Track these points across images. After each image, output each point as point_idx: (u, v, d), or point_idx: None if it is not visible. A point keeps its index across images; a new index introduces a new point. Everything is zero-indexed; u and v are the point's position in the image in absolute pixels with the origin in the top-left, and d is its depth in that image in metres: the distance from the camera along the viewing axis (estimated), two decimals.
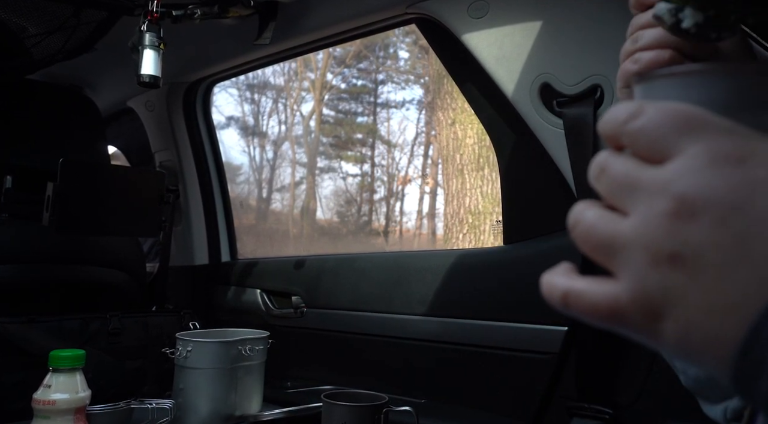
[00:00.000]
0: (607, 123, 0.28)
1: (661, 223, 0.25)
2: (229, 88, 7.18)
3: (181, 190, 1.81)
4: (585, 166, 1.10)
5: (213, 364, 1.17)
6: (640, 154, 0.27)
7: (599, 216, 0.28)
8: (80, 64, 1.59)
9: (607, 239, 0.27)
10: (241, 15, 1.26)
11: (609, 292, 0.26)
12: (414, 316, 1.26)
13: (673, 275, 0.24)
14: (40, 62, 1.47)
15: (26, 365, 1.15)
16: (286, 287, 1.55)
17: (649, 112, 0.27)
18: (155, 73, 1.15)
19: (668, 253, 0.24)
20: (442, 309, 1.22)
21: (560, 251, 1.06)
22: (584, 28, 0.99)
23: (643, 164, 0.27)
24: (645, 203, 0.26)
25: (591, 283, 0.27)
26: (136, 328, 1.37)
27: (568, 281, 0.28)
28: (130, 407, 1.04)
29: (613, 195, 0.28)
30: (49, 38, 1.34)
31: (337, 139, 7.52)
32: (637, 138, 0.27)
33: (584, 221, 0.28)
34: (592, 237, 0.27)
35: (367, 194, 7.28)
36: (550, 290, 0.29)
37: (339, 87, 7.57)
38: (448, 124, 4.52)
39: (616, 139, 0.28)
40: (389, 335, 1.30)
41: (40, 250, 1.41)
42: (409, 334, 1.27)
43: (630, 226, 0.26)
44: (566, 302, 0.28)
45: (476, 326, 1.16)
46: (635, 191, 0.26)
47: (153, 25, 1.15)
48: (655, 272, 0.25)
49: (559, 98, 1.03)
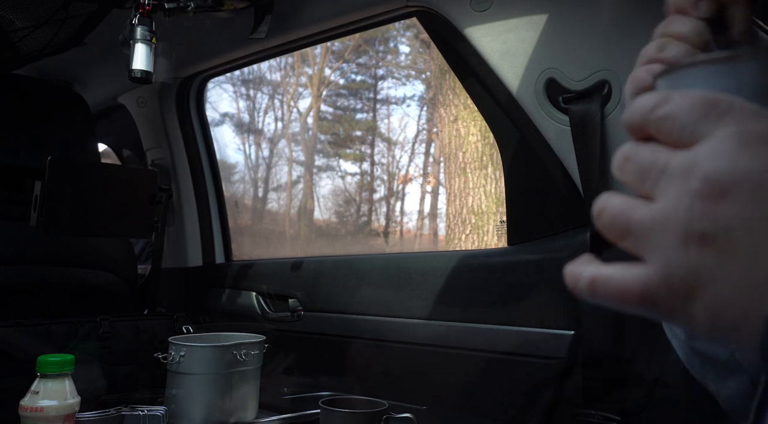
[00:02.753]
0: (634, 112, 0.29)
1: (691, 204, 0.26)
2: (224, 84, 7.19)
3: (173, 189, 1.82)
4: (592, 165, 1.09)
5: (207, 369, 1.17)
6: (667, 140, 0.28)
7: (625, 202, 0.29)
8: (69, 58, 1.59)
9: (635, 223, 0.28)
10: (236, 8, 1.26)
11: (639, 275, 0.27)
12: (415, 320, 1.26)
13: (704, 255, 0.25)
14: (28, 57, 1.47)
15: (13, 370, 1.15)
16: (283, 290, 1.55)
17: (675, 99, 0.28)
18: (147, 69, 1.15)
19: (699, 233, 0.25)
20: (444, 313, 1.22)
21: (568, 252, 1.07)
22: (592, 21, 0.99)
23: (670, 150, 0.28)
24: (674, 186, 0.26)
25: (619, 268, 0.28)
26: (127, 332, 1.36)
27: (594, 267, 0.29)
28: (121, 414, 1.04)
29: (640, 181, 0.29)
30: (36, 32, 1.34)
31: (335, 137, 7.53)
32: (664, 125, 0.28)
33: (610, 208, 0.29)
34: (619, 223, 0.28)
35: (367, 194, 7.29)
36: (575, 278, 0.30)
37: (337, 82, 7.58)
38: (450, 121, 4.52)
39: (642, 128, 0.29)
40: (390, 339, 1.30)
41: (28, 251, 1.41)
42: (410, 338, 1.27)
43: (658, 209, 0.27)
44: (594, 288, 0.29)
45: (480, 330, 1.16)
46: (663, 175, 0.27)
47: (144, 19, 1.15)
48: (686, 253, 0.26)
49: (565, 94, 1.03)
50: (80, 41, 1.44)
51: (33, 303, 1.40)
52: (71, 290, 1.47)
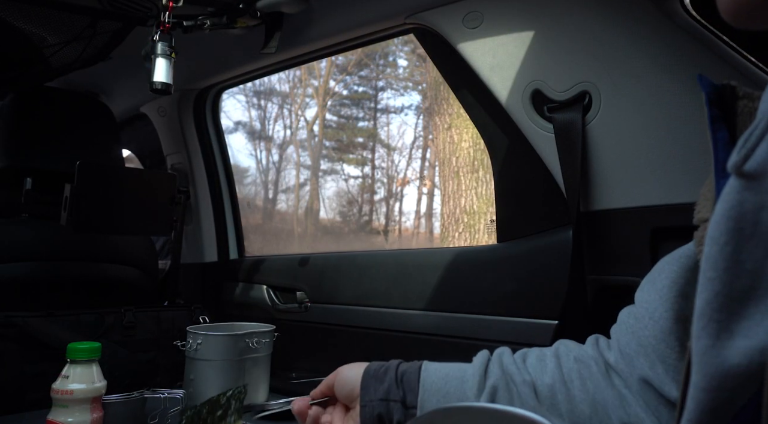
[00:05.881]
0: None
1: None
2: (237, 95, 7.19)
3: (191, 191, 1.82)
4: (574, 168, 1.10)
5: (222, 356, 1.17)
6: None
7: None
8: (96, 72, 1.59)
9: None
10: (249, 25, 1.26)
11: None
12: (412, 310, 1.26)
13: None
14: (58, 70, 1.48)
15: (46, 356, 1.16)
16: (291, 283, 1.55)
17: None
18: (167, 81, 1.15)
19: None
20: (438, 304, 1.22)
21: (550, 249, 1.07)
22: (574, 38, 0.99)
23: None
24: None
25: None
26: (149, 322, 1.37)
27: None
28: (144, 396, 1.04)
29: None
30: (66, 47, 1.34)
31: (339, 143, 7.52)
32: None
33: None
34: None
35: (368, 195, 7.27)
36: None
37: (341, 93, 7.56)
38: (444, 129, 4.52)
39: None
40: (389, 328, 1.31)
41: (59, 248, 1.41)
42: (407, 327, 1.27)
43: None
44: None
45: (471, 320, 1.16)
46: None
47: (165, 35, 1.15)
48: None
49: (550, 104, 1.03)
50: (106, 56, 1.45)
51: (63, 295, 1.40)
52: (98, 284, 1.47)
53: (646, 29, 0.93)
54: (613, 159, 0.97)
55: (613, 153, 0.97)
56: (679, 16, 0.92)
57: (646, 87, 0.93)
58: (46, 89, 1.55)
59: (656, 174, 0.93)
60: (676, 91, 0.90)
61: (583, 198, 1.01)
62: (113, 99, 1.89)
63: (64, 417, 0.85)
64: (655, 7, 0.93)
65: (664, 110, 0.91)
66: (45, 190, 1.45)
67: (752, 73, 0.87)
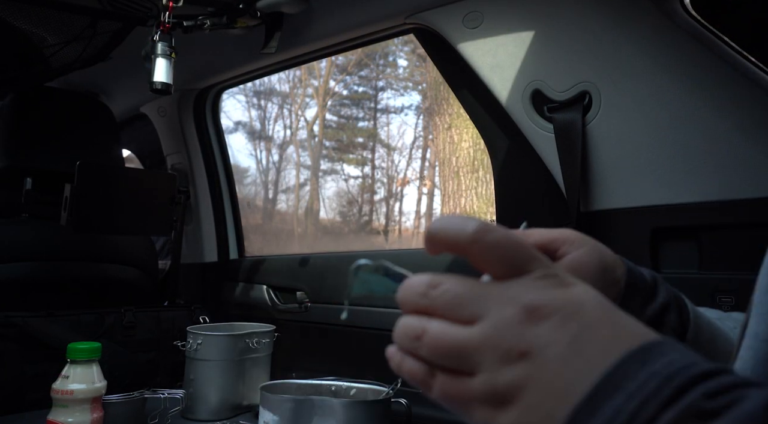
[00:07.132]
0: None
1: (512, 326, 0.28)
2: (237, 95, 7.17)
3: (191, 191, 1.82)
4: (574, 168, 1.09)
5: (222, 356, 1.17)
6: None
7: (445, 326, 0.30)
8: (96, 72, 1.59)
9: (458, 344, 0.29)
10: (248, 25, 1.26)
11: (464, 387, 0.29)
12: None
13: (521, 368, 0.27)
14: (58, 70, 1.48)
15: (46, 356, 1.16)
16: (291, 283, 1.55)
17: None
18: (167, 81, 1.15)
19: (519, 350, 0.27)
20: None
21: None
22: (573, 38, 0.99)
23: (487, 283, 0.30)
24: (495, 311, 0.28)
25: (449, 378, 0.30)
26: (149, 322, 1.37)
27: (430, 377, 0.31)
28: (144, 396, 1.04)
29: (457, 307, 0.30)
30: (66, 47, 1.34)
31: (339, 143, 7.51)
32: None
33: (431, 331, 0.30)
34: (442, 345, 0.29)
35: (368, 195, 7.27)
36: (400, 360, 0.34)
37: (341, 93, 7.56)
38: (444, 129, 4.52)
39: None
40: (389, 328, 1.30)
41: (59, 248, 1.41)
42: None
43: (479, 331, 0.28)
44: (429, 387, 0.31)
45: None
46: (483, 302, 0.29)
47: (165, 35, 1.15)
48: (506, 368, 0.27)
49: (550, 104, 1.03)
50: (106, 56, 1.45)
51: (63, 295, 1.40)
52: (98, 284, 1.47)
53: (646, 29, 0.93)
54: (613, 159, 0.97)
55: (613, 153, 0.97)
56: (679, 16, 0.92)
57: (646, 87, 0.93)
58: (46, 89, 1.55)
59: (656, 174, 0.92)
60: (676, 91, 0.90)
61: (583, 198, 1.01)
62: (113, 99, 1.89)
63: (64, 417, 0.85)
64: (655, 7, 0.93)
65: (664, 110, 0.91)
66: (45, 190, 1.45)
67: (752, 73, 0.87)
